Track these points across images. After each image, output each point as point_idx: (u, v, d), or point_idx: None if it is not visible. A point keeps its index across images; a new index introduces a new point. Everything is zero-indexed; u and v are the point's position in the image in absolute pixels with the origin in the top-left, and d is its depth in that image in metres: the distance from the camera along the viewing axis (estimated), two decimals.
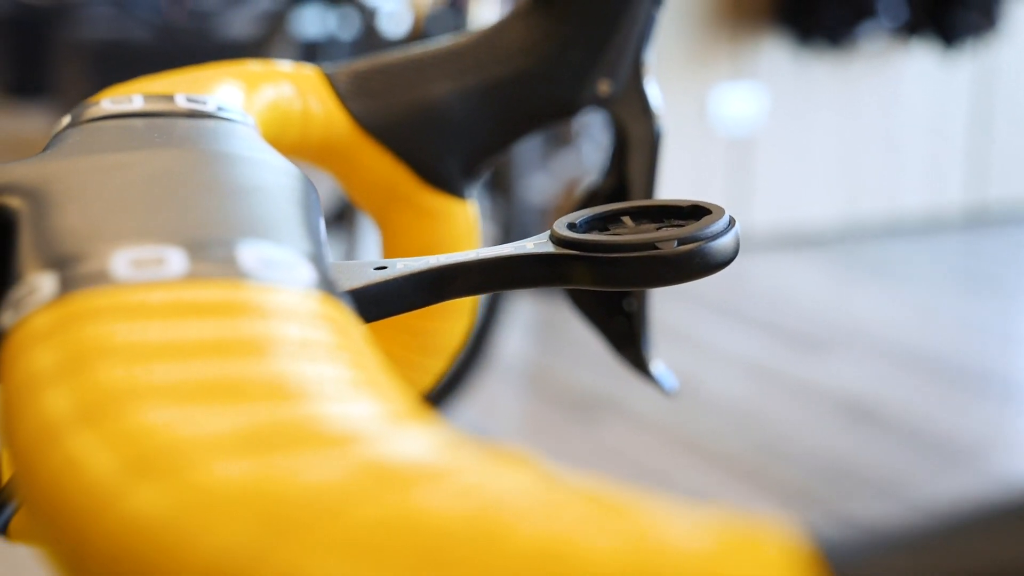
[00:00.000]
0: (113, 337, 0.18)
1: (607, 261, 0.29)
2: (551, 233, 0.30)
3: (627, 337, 0.42)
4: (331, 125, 0.39)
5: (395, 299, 0.30)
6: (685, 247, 0.28)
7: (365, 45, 2.18)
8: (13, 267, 0.22)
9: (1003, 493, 0.15)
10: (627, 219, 0.31)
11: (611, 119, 0.42)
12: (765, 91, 3.26)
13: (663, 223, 0.30)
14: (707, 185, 3.20)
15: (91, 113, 0.30)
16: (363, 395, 0.18)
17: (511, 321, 2.30)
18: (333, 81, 0.39)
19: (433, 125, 0.40)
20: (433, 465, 0.16)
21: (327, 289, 0.21)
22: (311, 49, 2.54)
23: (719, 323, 2.63)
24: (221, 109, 0.31)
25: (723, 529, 0.15)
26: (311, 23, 2.48)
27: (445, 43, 0.41)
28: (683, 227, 0.29)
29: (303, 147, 0.39)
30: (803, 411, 2.13)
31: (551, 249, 0.30)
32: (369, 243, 2.10)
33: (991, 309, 2.83)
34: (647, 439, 1.99)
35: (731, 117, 3.22)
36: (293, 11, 2.41)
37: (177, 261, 0.20)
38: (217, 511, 0.15)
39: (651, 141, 0.41)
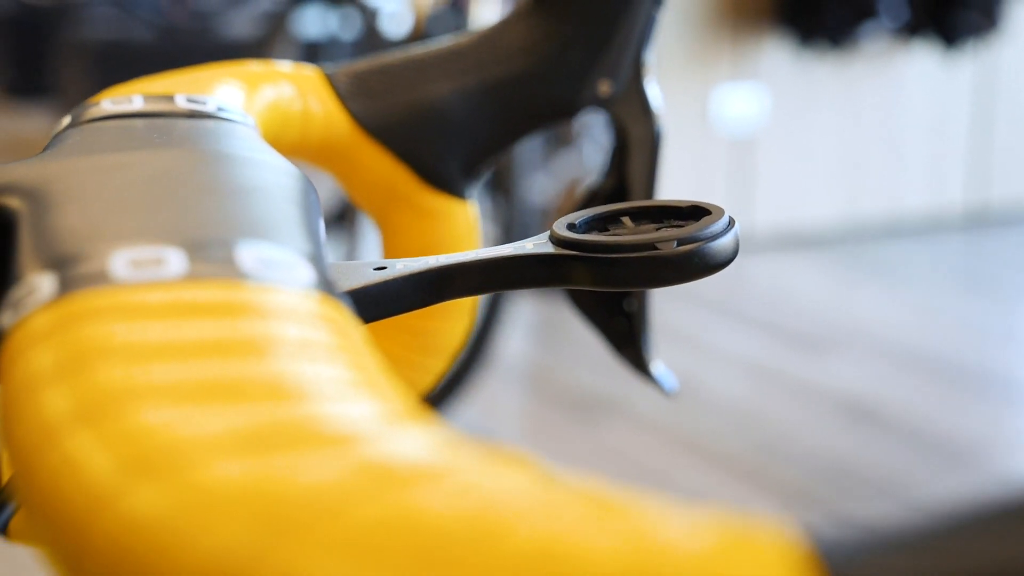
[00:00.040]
0: (112, 337, 0.18)
1: (606, 262, 0.29)
2: (551, 233, 0.30)
3: (627, 337, 0.42)
4: (331, 125, 0.39)
5: (395, 299, 0.30)
6: (684, 247, 0.28)
7: (366, 45, 2.18)
8: (13, 267, 0.22)
9: (1003, 493, 0.15)
10: (627, 219, 0.31)
11: (611, 119, 0.42)
12: (766, 91, 3.26)
13: (663, 224, 0.30)
14: (708, 185, 3.20)
15: (91, 113, 0.31)
16: (362, 395, 0.18)
17: (512, 321, 2.30)
18: (333, 81, 0.39)
19: (433, 125, 0.40)
20: (432, 465, 0.16)
21: (326, 289, 0.21)
22: (312, 49, 2.54)
23: (719, 323, 2.63)
24: (221, 109, 0.31)
25: (721, 529, 0.15)
26: (312, 23, 2.48)
27: (445, 43, 0.41)
28: (683, 228, 0.29)
29: (303, 147, 0.39)
30: (803, 411, 2.13)
31: (550, 249, 0.30)
32: (370, 243, 2.10)
33: (992, 309, 2.83)
34: (647, 439, 1.99)
35: (732, 117, 3.22)
36: (294, 11, 2.41)
37: (176, 261, 0.20)
38: (216, 511, 0.15)
39: (651, 141, 0.41)
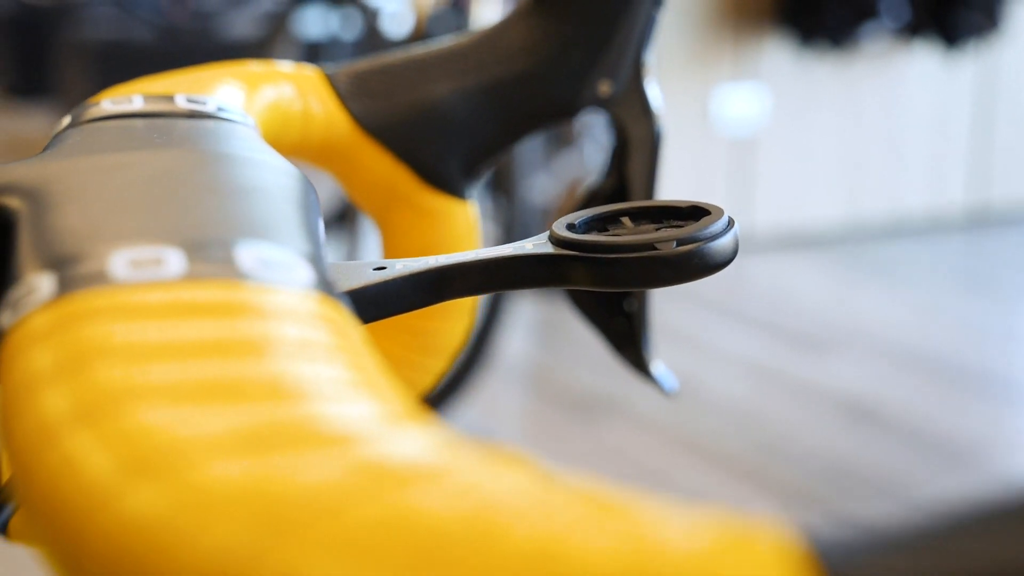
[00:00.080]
0: (111, 337, 0.19)
1: (606, 262, 0.29)
2: (550, 234, 0.30)
3: (627, 337, 0.42)
4: (331, 125, 0.39)
5: (394, 299, 0.30)
6: (684, 248, 0.28)
7: (367, 46, 2.18)
8: (12, 267, 0.22)
9: (1003, 493, 0.15)
10: (626, 220, 0.31)
11: (611, 120, 0.42)
12: (767, 92, 3.26)
13: (662, 224, 0.30)
14: (709, 185, 3.20)
15: (91, 113, 0.31)
16: (360, 396, 0.18)
17: (513, 321, 2.30)
18: (333, 81, 0.39)
19: (434, 125, 0.40)
20: (430, 465, 0.16)
21: (325, 290, 0.21)
22: (313, 50, 2.54)
23: (720, 323, 2.63)
24: (221, 110, 0.31)
25: (718, 529, 0.15)
26: (313, 24, 2.48)
27: (445, 43, 0.41)
28: (682, 228, 0.29)
29: (303, 148, 0.39)
30: (804, 411, 2.13)
31: (550, 250, 0.30)
32: (370, 244, 2.10)
33: (992, 310, 2.83)
34: (648, 439, 1.99)
35: (733, 118, 3.22)
36: (295, 12, 2.41)
37: (175, 261, 0.20)
38: (214, 511, 0.15)
39: (651, 142, 0.41)
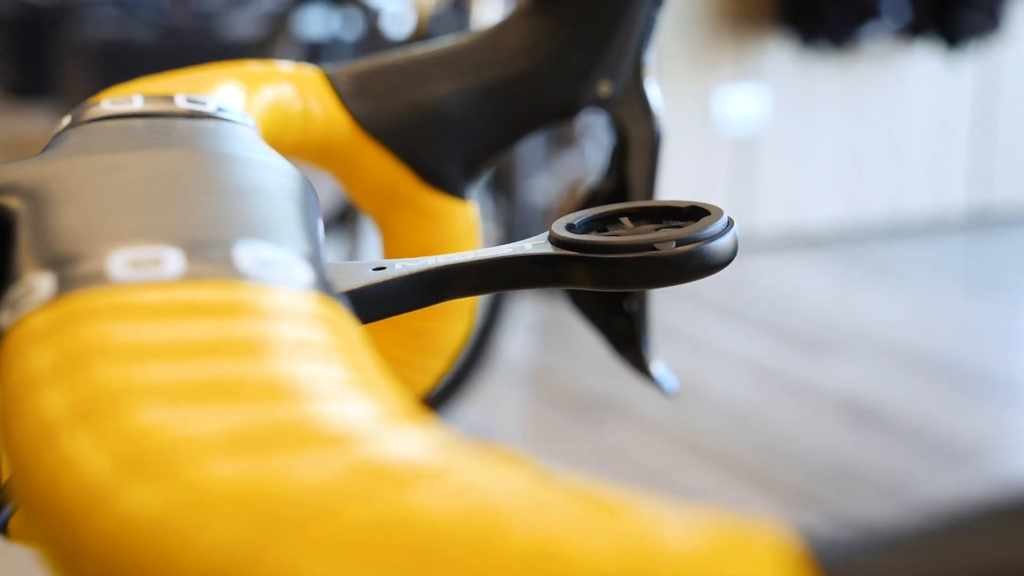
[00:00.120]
0: (110, 337, 0.19)
1: (605, 262, 0.29)
2: (550, 234, 0.30)
3: (627, 338, 0.42)
4: (331, 126, 0.39)
5: (394, 300, 0.30)
6: (683, 248, 0.28)
7: (368, 46, 2.18)
8: (12, 267, 0.22)
9: (1003, 493, 0.15)
10: (626, 220, 0.31)
11: (611, 120, 0.42)
12: (768, 92, 3.26)
13: (662, 224, 0.30)
14: (710, 186, 3.20)
15: (91, 114, 0.31)
16: (359, 395, 0.18)
17: (513, 322, 2.30)
18: (334, 82, 0.39)
19: (434, 126, 0.40)
20: (428, 465, 0.16)
21: (324, 290, 0.21)
22: (314, 50, 2.54)
23: (720, 323, 2.63)
24: (221, 110, 0.31)
25: (716, 529, 0.15)
26: (314, 24, 2.48)
27: (446, 44, 0.41)
28: (681, 228, 0.29)
29: (303, 148, 0.39)
30: (804, 411, 2.13)
31: (549, 250, 0.30)
32: (371, 244, 2.10)
33: (993, 310, 2.83)
34: (648, 439, 1.99)
35: (734, 118, 3.22)
36: (296, 12, 2.41)
37: (174, 261, 0.21)
38: (212, 510, 0.15)
39: (651, 142, 0.41)
